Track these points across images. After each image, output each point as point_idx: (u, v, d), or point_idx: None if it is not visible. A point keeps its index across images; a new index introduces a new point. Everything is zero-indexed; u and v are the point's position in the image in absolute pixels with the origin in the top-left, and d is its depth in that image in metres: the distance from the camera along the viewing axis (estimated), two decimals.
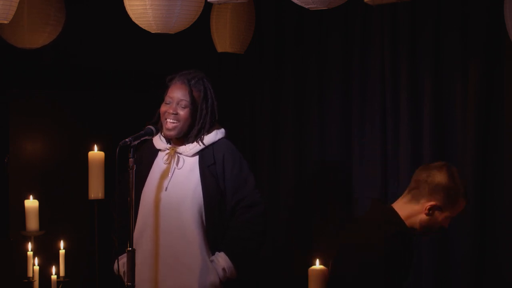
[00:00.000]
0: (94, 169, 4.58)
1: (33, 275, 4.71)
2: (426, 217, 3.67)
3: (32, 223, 4.75)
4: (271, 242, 5.00)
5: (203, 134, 4.12)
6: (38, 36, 4.54)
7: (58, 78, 5.80)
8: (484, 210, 4.41)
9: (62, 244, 4.81)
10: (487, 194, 4.42)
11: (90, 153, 4.60)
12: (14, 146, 5.67)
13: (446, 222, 3.72)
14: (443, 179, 3.66)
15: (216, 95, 4.16)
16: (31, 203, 4.76)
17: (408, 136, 4.67)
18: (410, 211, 3.69)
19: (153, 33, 3.81)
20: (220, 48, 4.84)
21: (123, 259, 4.01)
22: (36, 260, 4.76)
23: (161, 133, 4.18)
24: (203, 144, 4.11)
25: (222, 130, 4.20)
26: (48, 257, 4.99)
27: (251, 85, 5.57)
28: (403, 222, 3.68)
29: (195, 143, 4.13)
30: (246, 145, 5.55)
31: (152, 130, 4.05)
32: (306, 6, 3.44)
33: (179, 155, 4.14)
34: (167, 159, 4.14)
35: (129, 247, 3.83)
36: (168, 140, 4.18)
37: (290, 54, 5.35)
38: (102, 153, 4.60)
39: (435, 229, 3.72)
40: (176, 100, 4.09)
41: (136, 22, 3.77)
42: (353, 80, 5.02)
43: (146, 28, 3.78)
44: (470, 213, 4.40)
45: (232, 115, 5.61)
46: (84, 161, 4.62)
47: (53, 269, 4.76)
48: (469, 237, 4.42)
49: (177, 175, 4.12)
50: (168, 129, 4.09)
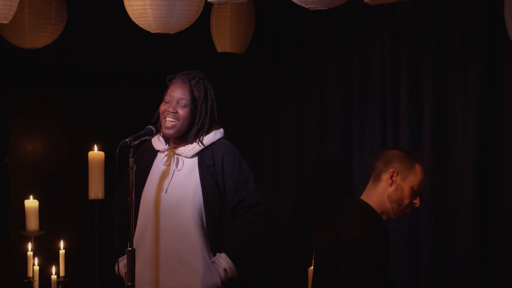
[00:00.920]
0: (94, 169, 4.59)
1: (33, 275, 4.72)
2: (392, 188, 3.74)
3: (32, 223, 4.76)
4: (271, 242, 5.00)
5: (202, 135, 4.11)
6: (38, 37, 4.54)
7: (58, 78, 5.80)
8: (484, 210, 4.41)
9: (62, 244, 4.82)
10: (487, 194, 4.42)
11: (90, 153, 4.61)
12: (14, 146, 5.68)
13: (415, 197, 3.75)
14: (394, 151, 3.86)
15: (216, 95, 4.15)
16: (31, 203, 4.77)
17: (408, 136, 4.67)
18: (376, 193, 3.77)
19: (153, 33, 3.81)
20: (220, 48, 4.84)
21: (123, 261, 4.01)
22: (36, 260, 4.77)
23: (160, 134, 4.17)
24: (203, 144, 4.10)
25: (221, 130, 4.19)
26: (48, 257, 5.00)
27: (251, 85, 5.57)
28: (374, 210, 3.72)
29: (194, 144, 4.12)
30: (246, 145, 5.55)
31: (152, 130, 4.04)
32: (306, 6, 3.44)
33: (178, 156, 4.13)
34: (167, 160, 4.14)
35: (129, 247, 3.83)
36: (167, 141, 4.18)
37: (290, 54, 5.35)
38: (102, 153, 4.61)
39: (406, 203, 3.75)
40: (176, 99, 4.09)
41: (136, 22, 3.77)
42: (353, 80, 5.02)
43: (146, 28, 3.78)
44: (470, 213, 4.40)
45: (232, 115, 5.61)
46: (84, 161, 4.63)
47: (53, 269, 4.76)
48: (469, 237, 4.42)
49: (177, 177, 4.11)
50: (167, 128, 4.08)
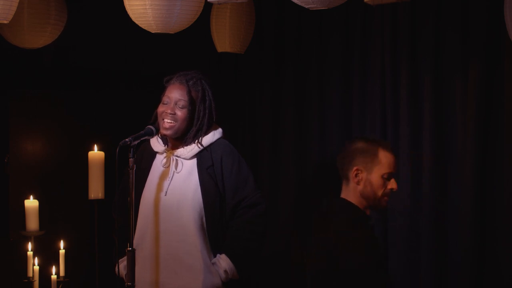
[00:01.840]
0: (94, 169, 4.58)
1: (33, 275, 4.72)
2: (361, 186, 3.72)
3: (32, 223, 4.75)
4: (271, 242, 4.99)
5: (201, 136, 4.11)
6: (38, 36, 4.54)
7: (58, 78, 5.80)
8: (484, 210, 4.41)
9: (62, 244, 4.81)
10: (487, 194, 4.42)
11: (90, 153, 4.61)
12: (14, 146, 5.68)
13: (387, 183, 3.72)
14: (354, 144, 3.83)
15: (214, 96, 4.14)
16: (31, 203, 4.77)
17: (408, 136, 4.67)
18: (351, 192, 3.77)
19: (153, 33, 3.81)
20: (220, 48, 4.84)
21: (123, 262, 4.01)
22: (36, 260, 4.77)
23: (158, 136, 4.17)
24: (202, 145, 4.10)
25: (220, 130, 4.19)
26: (48, 257, 5.00)
27: (251, 85, 5.57)
28: (356, 206, 3.71)
29: (192, 145, 4.11)
30: (246, 145, 5.55)
31: (152, 130, 4.04)
32: (306, 6, 3.44)
33: (177, 158, 4.12)
34: (166, 162, 4.13)
35: (129, 247, 3.83)
36: (166, 142, 4.17)
37: (290, 54, 5.35)
38: (102, 153, 4.61)
39: (380, 195, 3.73)
40: (174, 100, 4.08)
41: (136, 22, 3.77)
42: (353, 80, 5.02)
43: (146, 28, 3.78)
44: (470, 213, 4.40)
45: (232, 115, 5.61)
46: (84, 161, 4.63)
47: (53, 269, 4.76)
48: (469, 237, 4.41)
49: (176, 179, 4.11)
50: (165, 129, 4.08)
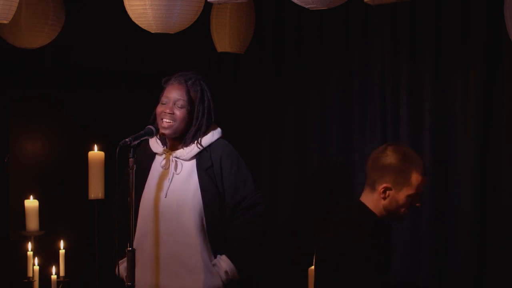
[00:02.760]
0: (94, 169, 4.59)
1: (33, 275, 4.72)
2: (386, 201, 3.69)
3: (32, 223, 4.76)
4: (271, 242, 5.00)
5: (200, 136, 4.11)
6: (36, 36, 4.54)
7: (58, 78, 5.80)
8: (484, 210, 4.41)
9: (62, 244, 4.82)
10: (487, 194, 4.42)
11: (90, 153, 4.61)
12: (14, 146, 5.68)
13: (414, 201, 3.71)
14: (387, 159, 3.70)
15: (213, 96, 4.14)
16: (31, 203, 4.77)
17: (408, 136, 4.67)
18: (373, 200, 3.72)
19: (153, 33, 3.81)
20: (220, 48, 4.84)
21: (123, 263, 4.00)
22: (36, 260, 4.77)
23: (157, 137, 4.16)
24: (202, 146, 4.10)
25: (219, 130, 4.18)
26: (48, 257, 5.00)
27: (251, 85, 5.57)
28: (374, 213, 3.69)
29: (192, 146, 4.10)
30: (246, 145, 5.55)
31: (152, 130, 4.04)
32: (306, 6, 3.44)
33: (176, 159, 4.12)
34: (165, 164, 4.13)
35: (129, 247, 3.83)
36: (165, 143, 4.17)
37: (290, 54, 5.35)
38: (102, 153, 4.61)
39: (402, 211, 3.71)
40: (173, 100, 4.08)
41: (136, 22, 3.77)
42: (353, 80, 5.02)
43: (146, 28, 3.78)
44: (470, 213, 4.40)
45: (232, 115, 5.61)
46: (84, 161, 4.63)
47: (53, 269, 4.76)
48: (469, 237, 4.41)
49: (176, 180, 4.10)
50: (164, 128, 4.07)
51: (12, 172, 5.65)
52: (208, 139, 4.13)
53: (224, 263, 4.07)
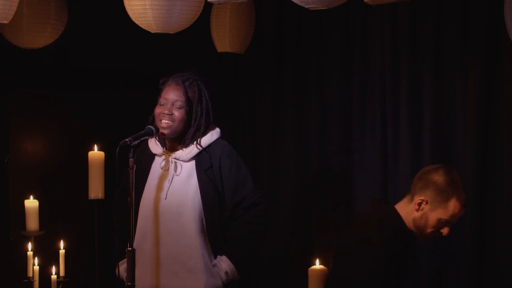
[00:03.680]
0: (94, 169, 4.58)
1: (33, 275, 4.72)
2: (418, 214, 3.69)
3: (32, 223, 4.75)
4: (271, 242, 5.00)
5: (199, 137, 4.10)
6: (38, 36, 4.54)
7: (58, 78, 5.80)
8: (484, 210, 4.42)
9: (62, 244, 4.81)
10: (487, 194, 4.42)
11: (90, 153, 4.60)
12: (14, 146, 5.67)
13: (441, 227, 3.71)
14: (437, 176, 3.72)
15: (211, 96, 4.14)
16: (31, 203, 4.76)
17: (408, 136, 4.67)
18: (407, 210, 3.73)
19: (153, 33, 3.81)
20: (220, 48, 4.84)
21: (123, 264, 4.00)
22: (36, 260, 4.77)
23: (156, 138, 4.16)
24: (201, 146, 4.10)
25: (217, 130, 4.18)
26: (48, 257, 5.00)
27: (251, 85, 5.57)
28: (403, 222, 3.69)
29: (191, 146, 4.10)
30: (246, 145, 5.55)
31: (152, 130, 4.04)
32: (306, 6, 3.44)
33: (176, 160, 4.12)
34: (165, 165, 4.13)
35: (129, 247, 3.83)
36: (164, 144, 4.16)
37: (290, 54, 5.35)
38: (102, 153, 4.60)
39: (428, 232, 3.71)
40: (171, 101, 4.07)
41: (136, 22, 3.77)
42: (353, 80, 5.02)
43: (146, 28, 3.78)
44: (470, 213, 4.40)
45: (232, 115, 5.61)
46: (84, 161, 4.62)
47: (53, 269, 4.76)
48: (469, 237, 4.42)
49: (176, 182, 4.10)
50: (163, 128, 4.07)
51: (12, 172, 5.65)
52: (207, 139, 4.12)
53: (224, 263, 4.06)
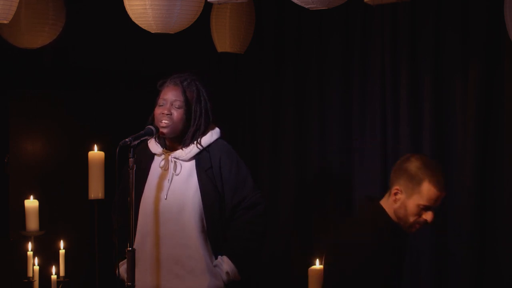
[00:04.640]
0: (94, 169, 4.58)
1: (33, 275, 4.72)
2: (396, 204, 3.69)
3: (32, 223, 4.75)
4: (271, 242, 5.00)
5: (199, 136, 4.11)
6: (36, 36, 4.54)
7: (58, 78, 5.80)
8: (484, 210, 4.41)
9: (62, 244, 4.81)
10: (487, 194, 4.42)
11: (90, 153, 4.60)
12: (14, 146, 5.67)
13: (422, 214, 3.69)
14: (408, 163, 3.72)
15: (209, 96, 4.14)
16: (31, 203, 4.76)
17: (408, 136, 4.67)
18: (388, 203, 3.73)
19: (153, 33, 3.81)
20: (220, 48, 4.84)
21: (124, 265, 4.00)
22: (36, 260, 4.77)
23: (156, 139, 4.16)
24: (201, 146, 4.10)
25: (217, 130, 4.18)
26: (48, 257, 5.00)
27: (251, 85, 5.57)
28: (389, 217, 3.69)
29: (191, 146, 4.10)
30: (246, 145, 5.55)
31: (152, 130, 4.04)
32: (306, 6, 3.44)
33: (176, 160, 4.12)
34: (164, 165, 4.13)
35: (129, 247, 3.82)
36: (164, 144, 4.17)
37: (290, 54, 5.35)
38: (102, 153, 4.60)
39: (411, 221, 3.70)
40: (170, 101, 4.08)
41: (136, 22, 3.77)
42: (353, 80, 5.02)
43: (146, 28, 3.78)
44: (470, 213, 4.40)
45: (232, 115, 5.61)
46: (84, 161, 4.62)
47: (53, 269, 4.76)
48: (469, 237, 4.42)
49: (176, 182, 4.10)
50: (162, 127, 4.08)
51: (12, 172, 5.65)
52: (207, 139, 4.13)
53: (225, 264, 4.06)
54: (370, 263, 3.57)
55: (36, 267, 4.74)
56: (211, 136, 4.14)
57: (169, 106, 4.07)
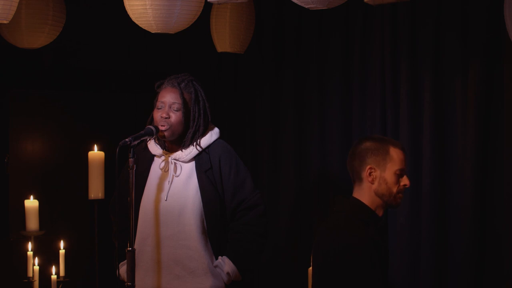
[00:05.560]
0: (94, 169, 4.59)
1: (33, 275, 4.72)
2: (375, 184, 3.69)
3: (32, 223, 4.76)
4: (271, 242, 5.00)
5: (199, 137, 4.11)
6: (36, 36, 4.54)
7: (58, 79, 5.80)
8: (484, 209, 4.41)
9: (62, 244, 4.82)
10: (487, 194, 4.42)
11: (90, 153, 4.61)
12: (14, 146, 5.67)
13: (401, 179, 3.70)
14: (363, 145, 3.75)
15: (207, 96, 4.14)
16: (31, 203, 4.77)
17: (408, 136, 4.67)
18: (364, 192, 3.71)
19: (153, 33, 3.81)
20: (220, 48, 4.84)
21: (124, 266, 4.00)
22: (36, 260, 4.77)
23: (155, 140, 4.16)
24: (201, 147, 4.10)
25: (216, 130, 4.18)
26: (48, 257, 5.00)
27: (251, 85, 5.57)
28: (367, 207, 3.69)
29: (190, 147, 4.10)
30: (246, 145, 5.55)
31: (152, 130, 4.04)
32: (306, 6, 3.44)
33: (175, 161, 4.12)
34: (164, 166, 4.13)
35: (129, 247, 3.82)
36: (163, 145, 4.16)
37: (290, 54, 5.35)
38: (102, 153, 4.61)
39: (395, 191, 3.70)
40: (168, 104, 4.08)
41: (136, 22, 3.77)
42: (353, 80, 5.02)
43: (146, 28, 3.78)
44: (470, 213, 4.40)
45: (232, 115, 5.61)
46: (84, 161, 4.63)
47: (53, 269, 4.76)
48: (469, 237, 4.41)
49: (176, 183, 4.10)
50: (162, 131, 4.08)
51: (12, 172, 5.65)
52: (206, 140, 4.13)
53: (226, 264, 4.07)
54: (361, 262, 3.56)
55: (36, 267, 4.75)
56: (210, 137, 4.14)
57: (167, 109, 4.07)
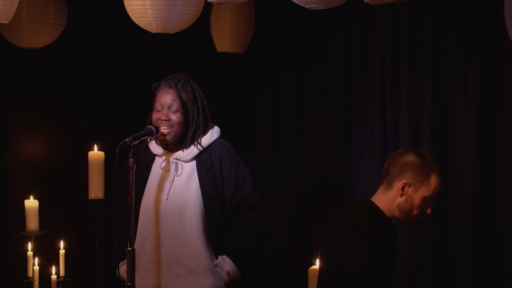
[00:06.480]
0: (94, 169, 4.58)
1: (33, 275, 4.72)
2: (402, 199, 3.67)
3: (32, 223, 4.75)
4: (271, 242, 5.00)
5: (199, 137, 4.10)
6: (37, 36, 4.54)
7: (58, 79, 5.80)
8: (484, 209, 4.42)
9: (62, 244, 4.81)
10: (487, 194, 4.42)
11: (90, 153, 4.61)
12: (14, 146, 5.67)
13: (425, 206, 3.70)
14: (410, 157, 3.70)
15: (205, 94, 4.14)
16: (31, 203, 4.77)
17: (408, 136, 4.67)
18: (387, 199, 3.70)
19: (153, 33, 3.81)
20: (220, 48, 4.84)
21: (124, 265, 4.00)
22: (36, 260, 4.77)
23: (156, 140, 4.16)
24: (202, 147, 4.10)
25: (217, 128, 4.18)
26: (48, 257, 5.00)
27: (251, 85, 5.57)
28: (383, 212, 3.67)
29: (191, 147, 4.10)
30: (246, 145, 5.55)
31: (152, 130, 4.04)
32: (306, 6, 3.44)
33: (176, 161, 4.12)
34: (165, 165, 4.13)
35: (129, 247, 3.82)
36: (165, 145, 4.16)
37: (290, 54, 5.35)
38: (102, 153, 4.61)
39: (415, 213, 3.69)
40: (167, 105, 4.07)
41: (136, 22, 3.77)
42: (353, 80, 5.02)
43: (146, 28, 3.78)
44: (470, 213, 4.40)
45: (232, 115, 5.61)
46: (84, 161, 4.62)
47: (53, 269, 4.76)
48: (469, 236, 4.42)
49: (177, 182, 4.09)
50: (163, 135, 4.07)
51: (12, 172, 5.65)
52: (207, 139, 4.12)
53: (226, 264, 4.07)
54: (371, 262, 3.56)
55: (36, 267, 4.74)
56: (211, 136, 4.14)
57: (166, 112, 4.06)
